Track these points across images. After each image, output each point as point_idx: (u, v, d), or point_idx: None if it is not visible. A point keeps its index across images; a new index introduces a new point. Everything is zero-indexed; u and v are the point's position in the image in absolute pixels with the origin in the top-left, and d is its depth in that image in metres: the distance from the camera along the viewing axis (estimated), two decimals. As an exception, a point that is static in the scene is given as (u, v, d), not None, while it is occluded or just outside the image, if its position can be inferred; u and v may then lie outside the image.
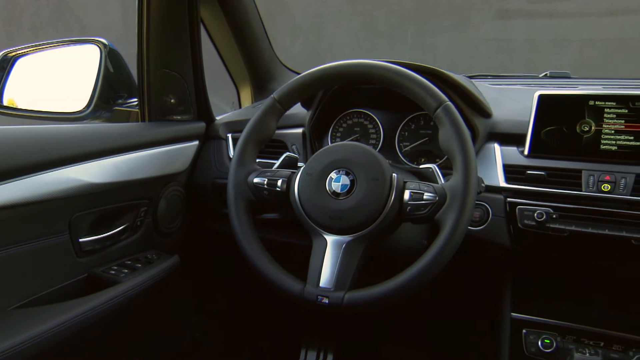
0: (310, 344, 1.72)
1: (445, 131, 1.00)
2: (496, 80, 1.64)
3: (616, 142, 1.15)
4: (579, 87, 1.44)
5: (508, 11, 3.70)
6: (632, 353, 1.10)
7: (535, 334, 1.16)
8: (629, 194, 1.09)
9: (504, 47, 3.72)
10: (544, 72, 1.66)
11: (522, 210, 1.14)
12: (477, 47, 3.78)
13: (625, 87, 1.39)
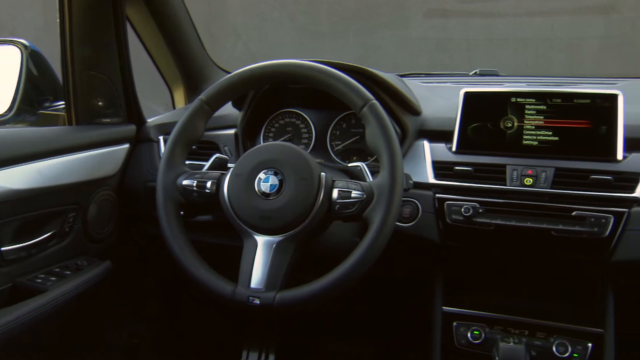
0: (251, 345, 1.71)
1: (371, 129, 1.01)
2: (428, 78, 1.67)
3: (537, 138, 1.19)
4: (505, 84, 1.49)
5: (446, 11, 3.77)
6: (553, 339, 1.14)
7: (465, 326, 1.19)
8: (549, 187, 1.13)
9: (444, 46, 3.79)
10: (481, 69, 1.70)
11: (450, 205, 1.17)
12: (418, 46, 3.83)
13: (548, 85, 1.44)
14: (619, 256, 1.08)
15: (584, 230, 1.08)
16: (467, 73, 1.68)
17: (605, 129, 1.15)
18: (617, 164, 1.13)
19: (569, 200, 1.12)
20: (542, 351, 1.13)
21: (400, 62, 3.89)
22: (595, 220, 1.08)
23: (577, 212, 1.09)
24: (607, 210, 1.08)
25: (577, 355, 1.11)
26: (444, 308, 1.23)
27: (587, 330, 1.14)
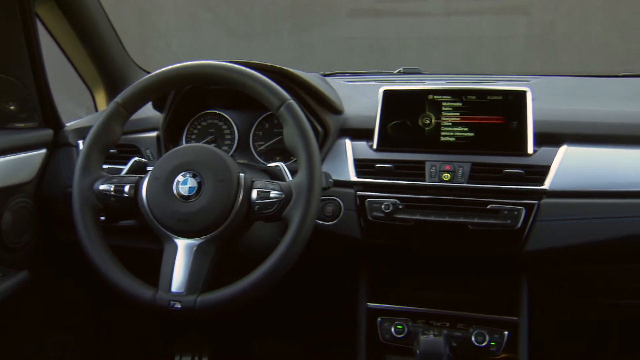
0: (184, 351, 1.68)
1: (289, 129, 1.02)
2: (354, 77, 1.69)
3: (454, 134, 1.23)
4: (427, 82, 1.52)
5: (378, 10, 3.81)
6: (472, 330, 1.17)
7: (389, 321, 1.21)
8: (466, 182, 1.17)
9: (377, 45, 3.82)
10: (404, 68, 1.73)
11: (371, 202, 1.18)
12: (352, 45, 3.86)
13: (467, 82, 1.48)
14: (531, 246, 1.12)
15: (498, 222, 1.12)
16: (391, 71, 1.71)
17: (516, 124, 1.19)
18: (527, 158, 1.17)
19: (485, 194, 1.15)
20: (462, 342, 1.16)
21: (335, 61, 3.90)
22: (508, 212, 1.12)
23: (492, 206, 1.13)
24: (519, 203, 1.12)
25: (495, 343, 1.15)
26: (368, 304, 1.24)
27: (503, 319, 1.18)
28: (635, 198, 1.13)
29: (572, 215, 1.13)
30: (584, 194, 1.14)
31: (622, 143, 1.19)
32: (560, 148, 1.18)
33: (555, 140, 1.20)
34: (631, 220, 1.12)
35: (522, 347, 1.15)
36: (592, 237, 1.12)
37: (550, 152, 1.18)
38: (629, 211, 1.12)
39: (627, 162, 1.17)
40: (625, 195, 1.14)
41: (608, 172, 1.16)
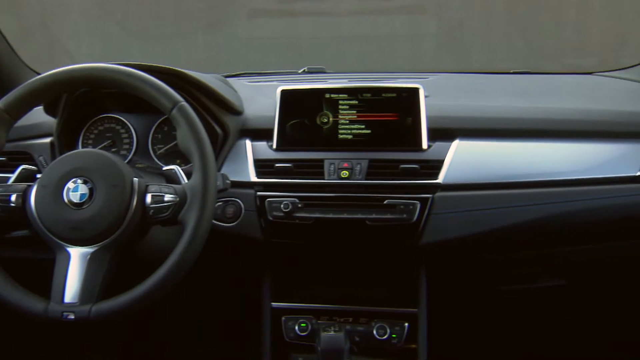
0: (92, 359, 1.63)
1: (182, 132, 1.01)
2: (259, 77, 1.68)
3: (351, 131, 1.24)
4: (329, 81, 1.54)
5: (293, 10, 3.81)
6: (374, 323, 1.19)
7: (293, 319, 1.21)
8: (364, 178, 1.18)
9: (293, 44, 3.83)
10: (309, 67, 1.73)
11: (271, 202, 1.18)
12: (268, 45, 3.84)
13: (368, 80, 1.51)
14: (427, 239, 1.15)
15: (394, 217, 1.14)
16: (296, 71, 1.71)
17: (410, 121, 1.22)
18: (422, 153, 1.20)
19: (382, 190, 1.17)
20: (364, 336, 1.18)
21: (252, 61, 3.88)
22: (404, 207, 1.14)
23: (388, 201, 1.15)
24: (414, 197, 1.15)
25: (396, 335, 1.18)
26: (272, 304, 1.24)
27: (403, 312, 1.20)
28: (524, 188, 1.18)
29: (465, 207, 1.16)
30: (476, 186, 1.18)
31: (511, 136, 1.24)
32: (453, 143, 1.22)
33: (449, 135, 1.23)
34: (521, 209, 1.17)
35: (422, 338, 1.18)
36: (485, 227, 1.17)
37: (444, 147, 1.21)
38: (518, 201, 1.17)
39: (516, 155, 1.23)
40: (514, 186, 1.19)
41: (498, 164, 1.21)
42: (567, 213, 1.18)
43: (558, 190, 1.18)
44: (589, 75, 1.61)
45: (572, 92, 1.46)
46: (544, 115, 1.27)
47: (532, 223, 1.17)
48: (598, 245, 1.26)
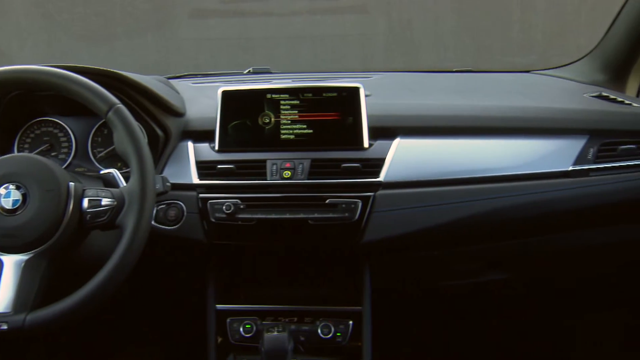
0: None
1: (119, 134, 1.00)
2: (205, 79, 1.67)
3: (293, 131, 1.24)
4: (273, 81, 1.54)
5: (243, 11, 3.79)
6: (318, 322, 1.20)
7: (238, 321, 1.21)
8: (306, 178, 1.19)
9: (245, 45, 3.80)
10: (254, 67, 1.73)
11: (213, 204, 1.17)
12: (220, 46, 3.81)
13: (312, 80, 1.51)
14: (369, 237, 1.16)
15: (336, 216, 1.15)
16: (241, 72, 1.71)
17: (351, 120, 1.23)
18: (364, 152, 1.21)
19: (324, 189, 1.18)
20: (309, 335, 1.18)
21: (202, 62, 3.84)
22: (345, 206, 1.15)
23: (330, 200, 1.16)
24: (355, 196, 1.16)
25: (340, 334, 1.18)
26: (217, 306, 1.23)
27: (348, 310, 1.21)
28: (463, 185, 1.21)
29: (406, 204, 1.18)
30: (417, 184, 1.20)
31: (450, 134, 1.27)
32: (394, 141, 1.23)
33: (390, 133, 1.25)
34: (461, 205, 1.20)
35: (366, 336, 1.19)
36: (426, 224, 1.19)
37: (385, 145, 1.23)
38: (458, 197, 1.20)
39: (456, 152, 1.25)
40: (454, 183, 1.21)
41: (438, 161, 1.23)
42: (505, 208, 1.21)
43: (496, 186, 1.21)
44: (526, 73, 1.66)
45: (509, 90, 1.50)
46: (482, 112, 1.30)
47: (471, 218, 1.20)
48: (537, 238, 1.30)
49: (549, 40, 2.99)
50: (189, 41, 3.76)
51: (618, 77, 1.53)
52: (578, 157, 1.24)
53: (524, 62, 3.01)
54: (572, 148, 1.26)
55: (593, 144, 1.26)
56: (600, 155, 1.26)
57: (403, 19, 3.71)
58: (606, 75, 1.54)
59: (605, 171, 1.25)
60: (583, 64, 1.61)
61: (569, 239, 1.31)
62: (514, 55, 3.11)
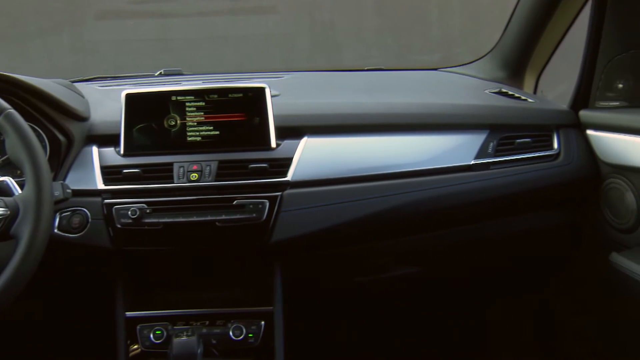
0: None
1: (11, 141, 0.97)
2: (113, 81, 1.63)
3: (200, 133, 1.23)
4: (183, 83, 1.52)
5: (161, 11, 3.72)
6: (230, 324, 1.19)
7: (148, 328, 1.18)
8: (213, 180, 1.18)
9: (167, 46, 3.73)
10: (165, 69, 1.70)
11: (119, 209, 1.14)
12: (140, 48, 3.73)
13: (221, 81, 1.50)
14: (278, 236, 1.16)
15: (244, 217, 1.15)
16: (152, 74, 1.68)
17: (258, 120, 1.23)
18: (271, 152, 1.22)
19: (232, 191, 1.17)
20: (220, 338, 1.17)
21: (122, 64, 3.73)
22: (253, 206, 1.15)
23: (237, 201, 1.16)
24: (263, 196, 1.16)
25: (252, 335, 1.18)
26: (126, 313, 1.20)
27: (259, 311, 1.21)
28: (371, 181, 1.23)
29: (314, 202, 1.19)
30: (325, 182, 1.21)
31: (357, 132, 1.29)
32: (301, 140, 1.24)
33: (297, 132, 1.26)
34: (369, 201, 1.22)
35: (278, 335, 1.19)
36: (334, 221, 1.20)
37: (293, 145, 1.23)
38: (366, 194, 1.22)
39: (362, 149, 1.27)
40: (362, 180, 1.23)
41: (345, 159, 1.25)
42: (411, 203, 1.24)
43: (402, 182, 1.24)
44: (434, 71, 1.70)
45: (416, 87, 1.54)
46: (388, 110, 1.33)
47: (379, 214, 1.22)
48: (444, 231, 1.34)
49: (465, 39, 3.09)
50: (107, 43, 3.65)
51: (516, 74, 1.60)
52: (479, 151, 1.30)
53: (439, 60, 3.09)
54: (473, 143, 1.31)
55: (493, 138, 1.32)
56: (499, 149, 1.31)
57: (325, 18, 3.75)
58: (505, 72, 1.62)
59: (504, 164, 1.30)
60: (485, 61, 1.68)
61: (475, 231, 1.36)
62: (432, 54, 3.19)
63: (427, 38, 3.38)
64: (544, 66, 1.59)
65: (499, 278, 1.59)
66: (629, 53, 1.29)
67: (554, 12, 1.41)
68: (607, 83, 1.34)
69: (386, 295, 1.54)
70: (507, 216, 1.37)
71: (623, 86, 1.32)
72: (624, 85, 1.32)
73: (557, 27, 1.46)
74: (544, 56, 1.55)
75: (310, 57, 3.78)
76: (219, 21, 3.78)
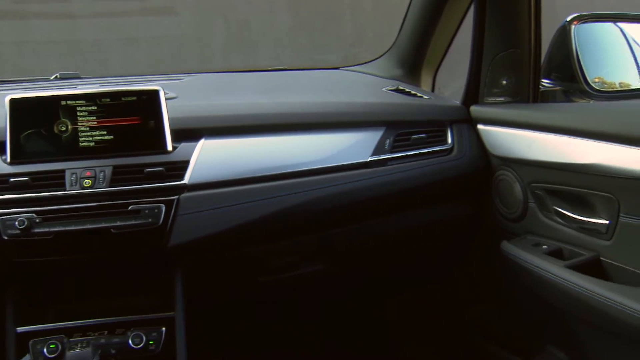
0: None
1: None
2: (4, 85, 1.55)
3: (93, 138, 1.20)
4: (79, 87, 1.46)
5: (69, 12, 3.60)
6: (129, 332, 1.16)
7: (42, 342, 1.13)
8: (108, 186, 1.15)
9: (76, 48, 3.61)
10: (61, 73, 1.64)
11: (5, 220, 1.09)
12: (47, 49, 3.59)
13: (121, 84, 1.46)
14: (176, 241, 1.15)
15: (139, 222, 1.12)
16: (48, 78, 1.61)
17: (153, 123, 1.21)
18: (167, 155, 1.20)
19: (127, 196, 1.15)
20: (119, 348, 1.14)
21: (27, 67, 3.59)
22: (149, 211, 1.13)
23: (133, 207, 1.13)
24: (159, 200, 1.15)
25: (153, 342, 1.15)
26: (17, 329, 1.15)
27: (159, 317, 1.19)
28: (269, 181, 1.24)
29: (213, 205, 1.19)
30: (223, 184, 1.21)
31: (255, 132, 1.29)
32: (198, 142, 1.23)
33: (194, 135, 1.24)
34: (268, 201, 1.23)
35: (180, 341, 1.17)
36: (234, 223, 1.20)
37: (190, 147, 1.22)
38: (265, 194, 1.23)
39: (261, 150, 1.28)
40: (260, 180, 1.24)
41: (243, 160, 1.25)
42: (311, 201, 1.26)
43: (301, 181, 1.26)
44: (336, 70, 1.73)
45: (315, 87, 1.56)
46: (285, 109, 1.34)
47: (280, 214, 1.23)
48: (346, 228, 1.37)
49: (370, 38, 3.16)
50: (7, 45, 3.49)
51: (412, 72, 1.66)
52: (376, 148, 1.33)
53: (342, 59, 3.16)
54: (370, 140, 1.34)
55: (389, 135, 1.36)
56: (396, 145, 1.35)
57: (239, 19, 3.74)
58: (402, 70, 1.67)
59: (400, 160, 1.34)
60: (384, 60, 1.72)
61: (376, 226, 1.40)
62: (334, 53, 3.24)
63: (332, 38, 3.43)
64: (440, 64, 1.65)
65: (403, 271, 1.63)
66: (509, 52, 1.37)
67: (442, 12, 1.46)
68: (493, 80, 1.42)
69: (293, 294, 1.55)
70: (407, 210, 1.42)
71: (507, 82, 1.40)
72: (507, 82, 1.40)
73: (447, 26, 1.52)
74: (438, 54, 1.61)
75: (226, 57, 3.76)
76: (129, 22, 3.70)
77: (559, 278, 1.17)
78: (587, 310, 1.11)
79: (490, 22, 1.36)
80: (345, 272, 1.52)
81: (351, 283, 1.60)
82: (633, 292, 1.04)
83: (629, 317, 1.01)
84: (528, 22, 1.32)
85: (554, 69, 1.41)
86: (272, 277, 1.39)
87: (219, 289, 1.37)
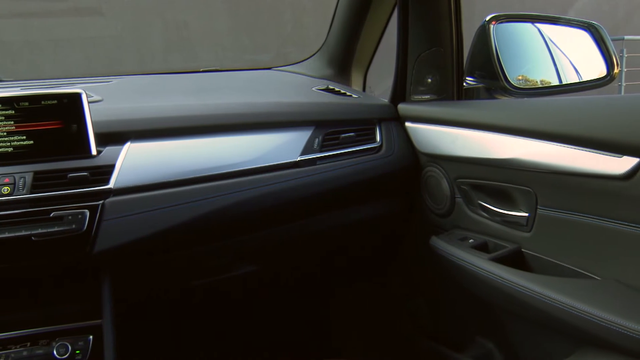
0: None
1: None
2: None
3: (11, 144, 1.16)
4: (1, 90, 1.41)
5: None
6: (54, 343, 1.13)
7: None
8: (28, 193, 1.11)
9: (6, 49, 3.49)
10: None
11: None
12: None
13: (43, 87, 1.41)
14: (101, 246, 1.13)
15: (62, 229, 1.10)
16: (-26, 79, 1.56)
17: (76, 127, 1.18)
18: (92, 160, 1.17)
19: (49, 202, 1.12)
20: (43, 359, 1.11)
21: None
22: (72, 217, 1.11)
23: (55, 213, 1.10)
24: (83, 206, 1.12)
25: (80, 351, 1.13)
26: None
27: (86, 325, 1.16)
28: (198, 184, 1.23)
29: (140, 209, 1.17)
30: (150, 187, 1.19)
31: (182, 134, 1.28)
32: (124, 146, 1.21)
33: (120, 138, 1.22)
34: (196, 204, 1.22)
35: (108, 349, 1.15)
36: (163, 226, 1.18)
37: (115, 151, 1.20)
38: (193, 196, 1.22)
39: (188, 152, 1.26)
40: (188, 183, 1.22)
41: (171, 163, 1.23)
42: (241, 202, 1.26)
43: (231, 182, 1.25)
44: (268, 70, 1.73)
45: (245, 87, 1.56)
46: (213, 111, 1.33)
47: (209, 216, 1.22)
48: (278, 228, 1.37)
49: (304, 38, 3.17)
50: None
51: (342, 71, 1.68)
52: (305, 148, 1.34)
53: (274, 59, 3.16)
54: (299, 139, 1.35)
55: (318, 134, 1.37)
56: (325, 144, 1.37)
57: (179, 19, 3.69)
58: (332, 69, 1.69)
59: (329, 159, 1.36)
60: (314, 60, 1.73)
61: (309, 225, 1.41)
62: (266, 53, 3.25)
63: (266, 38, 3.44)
64: (369, 63, 1.67)
65: (338, 269, 1.65)
66: (432, 50, 1.40)
67: (367, 12, 1.49)
68: (418, 78, 1.45)
69: (229, 296, 1.55)
70: (339, 209, 1.43)
71: (431, 80, 1.43)
72: (432, 80, 1.43)
73: (373, 27, 1.55)
74: (367, 54, 1.63)
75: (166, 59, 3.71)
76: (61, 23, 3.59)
77: (483, 271, 1.20)
78: (509, 300, 1.15)
79: (414, 22, 1.39)
80: (280, 272, 1.52)
81: (288, 282, 1.61)
82: (550, 282, 1.09)
83: (548, 307, 1.05)
84: (449, 22, 1.36)
85: (476, 67, 1.45)
86: (206, 279, 1.38)
87: (149, 293, 1.35)
